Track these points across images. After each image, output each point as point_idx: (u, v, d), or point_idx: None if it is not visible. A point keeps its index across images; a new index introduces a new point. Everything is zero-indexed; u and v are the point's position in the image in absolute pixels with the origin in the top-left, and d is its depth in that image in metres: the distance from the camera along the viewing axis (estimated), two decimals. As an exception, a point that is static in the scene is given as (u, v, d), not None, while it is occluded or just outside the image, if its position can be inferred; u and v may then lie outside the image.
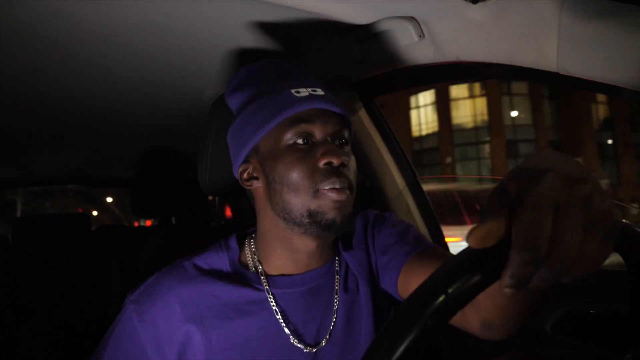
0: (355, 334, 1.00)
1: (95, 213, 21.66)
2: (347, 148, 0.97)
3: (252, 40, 1.24)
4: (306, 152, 0.92)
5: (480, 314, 0.83)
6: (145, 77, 1.51)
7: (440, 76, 1.32)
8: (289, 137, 0.93)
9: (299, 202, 0.91)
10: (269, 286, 0.97)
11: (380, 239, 1.07)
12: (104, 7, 1.03)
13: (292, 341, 0.94)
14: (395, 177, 1.61)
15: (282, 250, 0.98)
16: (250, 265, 1.01)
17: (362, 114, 1.58)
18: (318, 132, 0.93)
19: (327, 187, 0.90)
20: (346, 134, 0.97)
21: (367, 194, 1.69)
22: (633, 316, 0.63)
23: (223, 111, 1.18)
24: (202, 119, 1.22)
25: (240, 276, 0.99)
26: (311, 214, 0.91)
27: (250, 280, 0.98)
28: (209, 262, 1.00)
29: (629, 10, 0.78)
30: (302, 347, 0.94)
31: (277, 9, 1.07)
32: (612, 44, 0.81)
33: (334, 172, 0.90)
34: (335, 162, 0.90)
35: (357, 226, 1.11)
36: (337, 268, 1.04)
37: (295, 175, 0.91)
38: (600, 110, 24.24)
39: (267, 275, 0.99)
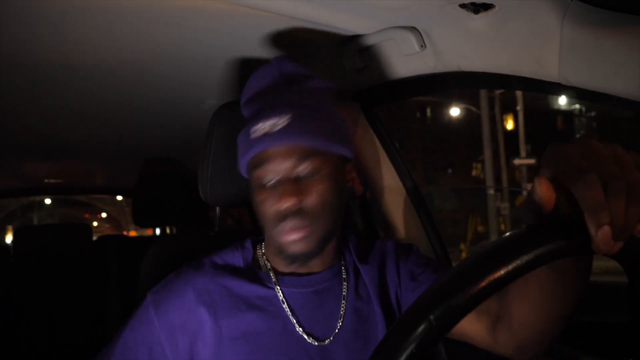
0: (370, 341, 1.03)
1: (99, 218, 22.75)
2: (310, 180, 0.96)
3: (253, 50, 1.25)
4: (269, 192, 0.97)
5: (517, 338, 0.89)
6: (146, 88, 1.52)
7: (442, 86, 1.32)
8: (254, 177, 0.99)
9: (269, 234, 1.01)
10: (278, 284, 1.02)
11: (407, 266, 1.11)
12: (105, 18, 1.04)
13: (300, 334, 0.98)
14: (396, 188, 1.60)
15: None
16: (262, 264, 1.06)
17: (364, 124, 1.57)
18: (273, 174, 0.96)
19: (280, 230, 0.96)
20: (309, 165, 0.95)
21: (368, 205, 1.69)
22: (632, 327, 0.63)
23: (224, 121, 1.18)
24: (202, 128, 1.22)
25: (252, 273, 1.04)
26: (278, 247, 0.99)
27: (261, 278, 1.03)
28: (224, 258, 1.07)
29: (631, 21, 0.78)
30: (308, 339, 0.98)
31: (278, 19, 1.07)
32: (614, 54, 0.81)
33: (283, 218, 0.95)
34: (282, 209, 0.94)
35: (376, 249, 1.16)
36: (343, 275, 1.07)
37: (262, 216, 0.99)
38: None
39: (276, 274, 1.04)
